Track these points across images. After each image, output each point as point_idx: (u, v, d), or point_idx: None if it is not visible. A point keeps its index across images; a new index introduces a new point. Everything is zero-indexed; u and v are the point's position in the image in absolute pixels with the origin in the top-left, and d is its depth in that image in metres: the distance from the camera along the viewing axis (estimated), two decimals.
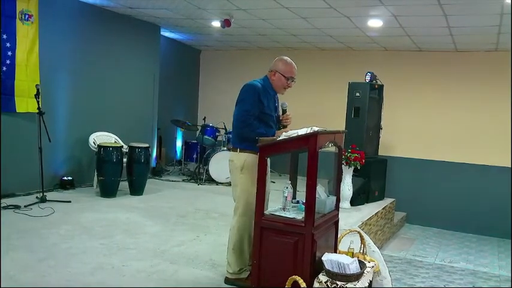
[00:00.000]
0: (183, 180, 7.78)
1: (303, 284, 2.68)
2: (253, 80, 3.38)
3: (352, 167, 6.12)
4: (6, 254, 3.60)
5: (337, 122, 7.11)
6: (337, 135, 3.21)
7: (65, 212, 5.07)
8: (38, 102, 5.42)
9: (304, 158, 2.94)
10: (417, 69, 8.33)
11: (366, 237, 3.47)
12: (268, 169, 3.34)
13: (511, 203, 7.47)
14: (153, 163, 8.00)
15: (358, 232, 3.44)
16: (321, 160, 2.83)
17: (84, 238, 4.25)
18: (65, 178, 6.30)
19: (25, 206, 5.12)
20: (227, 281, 3.40)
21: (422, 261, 6.30)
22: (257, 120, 3.25)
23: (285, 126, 3.40)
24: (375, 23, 6.44)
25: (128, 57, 7.41)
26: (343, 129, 4.84)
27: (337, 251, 3.27)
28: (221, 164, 7.39)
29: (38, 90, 5.45)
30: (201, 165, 7.89)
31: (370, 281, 3.08)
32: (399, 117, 8.24)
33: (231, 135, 7.97)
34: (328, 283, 2.76)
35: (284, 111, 3.35)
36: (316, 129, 2.86)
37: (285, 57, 3.41)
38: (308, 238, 2.81)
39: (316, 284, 2.79)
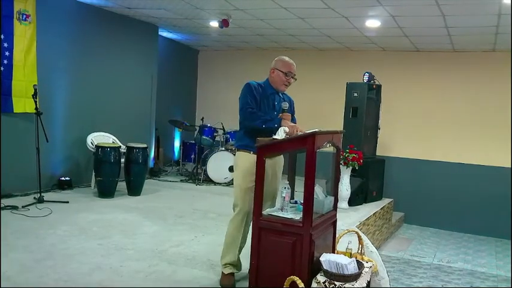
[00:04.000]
0: (181, 181, 7.77)
1: (301, 284, 2.68)
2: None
3: (350, 167, 6.12)
4: (4, 254, 3.59)
5: (335, 122, 7.12)
6: (335, 135, 3.21)
7: (63, 213, 5.07)
8: (35, 102, 5.41)
9: (302, 158, 2.94)
10: (415, 69, 8.34)
11: (364, 237, 3.46)
12: (280, 168, 3.49)
13: (511, 203, 7.48)
14: (151, 163, 8.00)
15: (356, 232, 3.44)
16: (319, 160, 2.83)
17: (82, 238, 4.25)
18: (63, 178, 6.29)
19: (23, 207, 5.11)
20: None
21: (420, 261, 6.30)
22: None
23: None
24: (372, 23, 6.44)
25: (126, 57, 7.40)
26: (341, 129, 4.84)
27: (335, 251, 3.28)
28: (219, 164, 7.39)
29: (35, 90, 5.44)
30: (199, 166, 7.89)
31: (368, 281, 3.09)
32: (397, 118, 8.25)
33: (229, 136, 8.00)
34: (326, 283, 2.76)
35: (283, 111, 3.38)
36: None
37: (284, 57, 3.51)
38: (306, 238, 2.81)
39: (314, 284, 2.79)
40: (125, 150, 6.33)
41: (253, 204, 3.01)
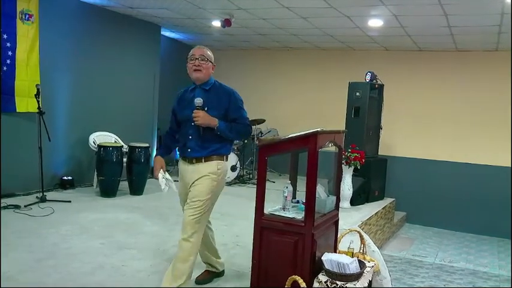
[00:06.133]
0: None
1: (302, 284, 2.68)
2: None
3: (352, 167, 6.12)
4: (5, 254, 3.59)
5: (337, 122, 7.11)
6: (337, 135, 3.21)
7: (65, 212, 5.08)
8: (38, 102, 5.42)
9: (304, 157, 2.94)
10: (417, 68, 8.33)
11: (366, 237, 3.46)
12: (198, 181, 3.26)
13: (511, 203, 7.47)
14: (152, 163, 7.99)
15: (358, 232, 3.44)
16: (321, 160, 2.83)
17: (84, 238, 4.25)
18: (65, 178, 6.30)
19: (25, 206, 5.13)
20: None
21: (422, 261, 6.29)
22: (172, 134, 3.49)
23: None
24: (375, 22, 6.43)
25: (128, 57, 7.41)
26: (343, 129, 4.84)
27: (337, 251, 3.27)
28: None
29: (38, 90, 5.44)
30: None
31: (370, 281, 3.08)
32: (399, 117, 8.24)
33: None
34: (328, 283, 2.75)
35: (196, 108, 3.12)
36: None
37: None
38: (308, 238, 2.80)
39: (316, 284, 2.79)
40: (127, 150, 6.34)
41: (256, 203, 3.01)
